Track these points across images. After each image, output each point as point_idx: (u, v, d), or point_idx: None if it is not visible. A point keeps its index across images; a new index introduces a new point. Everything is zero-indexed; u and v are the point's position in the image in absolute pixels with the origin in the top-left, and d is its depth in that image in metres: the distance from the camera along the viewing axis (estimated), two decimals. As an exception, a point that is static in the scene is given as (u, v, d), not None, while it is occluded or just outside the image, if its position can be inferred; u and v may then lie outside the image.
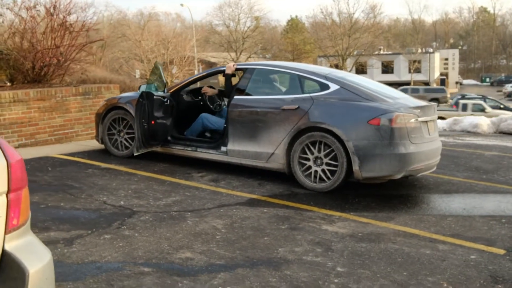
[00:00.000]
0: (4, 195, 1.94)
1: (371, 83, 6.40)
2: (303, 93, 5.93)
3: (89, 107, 8.96)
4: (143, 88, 6.58)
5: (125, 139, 7.09)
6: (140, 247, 3.87)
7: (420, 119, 5.58)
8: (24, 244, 1.96)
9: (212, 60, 49.91)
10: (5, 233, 1.92)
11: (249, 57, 52.39)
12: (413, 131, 5.47)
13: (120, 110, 7.04)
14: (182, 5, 44.69)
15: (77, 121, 8.82)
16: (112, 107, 7.12)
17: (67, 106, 8.65)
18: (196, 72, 37.52)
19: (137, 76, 39.35)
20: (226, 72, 6.55)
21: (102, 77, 14.14)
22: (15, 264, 1.84)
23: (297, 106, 5.79)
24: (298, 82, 6.05)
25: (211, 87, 7.31)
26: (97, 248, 3.83)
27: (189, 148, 6.57)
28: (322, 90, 5.83)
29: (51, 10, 8.96)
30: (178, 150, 6.67)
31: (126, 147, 7.07)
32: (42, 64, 9.09)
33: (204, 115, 6.84)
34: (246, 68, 6.54)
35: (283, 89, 6.34)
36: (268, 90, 6.43)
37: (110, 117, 7.13)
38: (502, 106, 31.01)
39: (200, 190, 5.59)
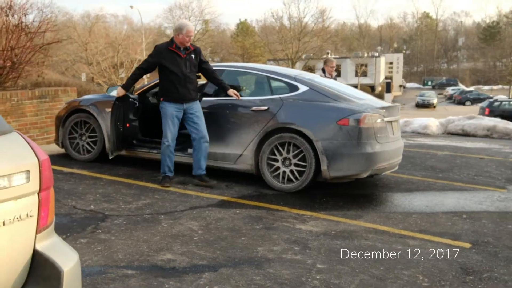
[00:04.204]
0: (36, 194, 1.92)
1: (338, 84, 6.56)
2: (272, 94, 6.01)
3: (45, 110, 8.71)
4: (111, 90, 6.47)
5: (87, 143, 6.95)
6: (119, 250, 3.83)
7: (385, 119, 5.77)
8: (53, 244, 1.93)
9: (162, 63, 49.30)
10: (36, 232, 1.89)
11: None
12: (379, 131, 5.65)
13: (83, 113, 6.90)
14: (131, 7, 44.02)
15: (33, 125, 8.56)
16: (74, 110, 6.97)
17: (23, 110, 8.37)
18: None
19: (83, 79, 38.38)
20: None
21: (57, 80, 13.77)
22: (48, 264, 1.81)
23: (266, 107, 5.86)
24: (267, 83, 6.12)
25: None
26: (75, 252, 3.76)
27: (154, 151, 6.49)
28: (291, 91, 5.93)
29: (6, 10, 8.66)
30: (144, 153, 6.59)
31: (88, 151, 6.94)
32: (-5, 66, 8.77)
33: None
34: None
35: (253, 90, 6.40)
36: (237, 91, 6.47)
37: (72, 120, 6.98)
38: None
39: (169, 193, 5.56)
